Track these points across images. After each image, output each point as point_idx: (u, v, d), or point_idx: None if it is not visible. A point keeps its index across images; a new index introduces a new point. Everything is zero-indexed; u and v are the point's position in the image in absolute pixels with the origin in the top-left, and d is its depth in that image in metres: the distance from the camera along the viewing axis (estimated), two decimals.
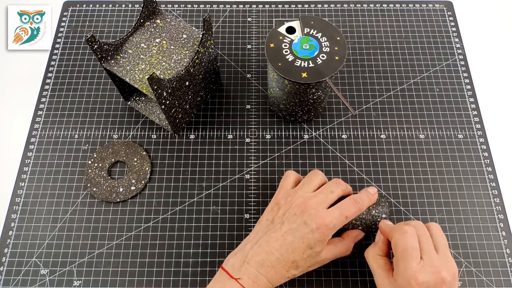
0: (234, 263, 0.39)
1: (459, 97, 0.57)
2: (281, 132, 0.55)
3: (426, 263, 0.36)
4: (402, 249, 0.37)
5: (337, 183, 0.42)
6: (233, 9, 0.64)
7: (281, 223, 0.39)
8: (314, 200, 0.40)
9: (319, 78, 0.44)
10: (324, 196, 0.40)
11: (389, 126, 0.55)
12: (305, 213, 0.39)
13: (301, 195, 0.41)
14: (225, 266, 0.39)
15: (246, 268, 0.38)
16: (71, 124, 0.55)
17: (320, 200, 0.40)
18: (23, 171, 0.52)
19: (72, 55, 0.60)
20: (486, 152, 0.53)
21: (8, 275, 0.47)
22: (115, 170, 0.53)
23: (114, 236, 0.49)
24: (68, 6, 0.64)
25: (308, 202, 0.39)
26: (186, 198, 0.51)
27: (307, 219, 0.38)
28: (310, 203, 0.39)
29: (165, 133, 0.55)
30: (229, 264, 0.39)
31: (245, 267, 0.38)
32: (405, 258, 0.37)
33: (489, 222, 0.49)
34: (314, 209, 0.39)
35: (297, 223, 0.38)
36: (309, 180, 0.43)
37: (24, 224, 0.49)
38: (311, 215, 0.38)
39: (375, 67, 0.59)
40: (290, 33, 0.47)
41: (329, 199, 0.40)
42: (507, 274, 0.47)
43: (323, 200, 0.40)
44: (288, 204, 0.40)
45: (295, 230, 0.38)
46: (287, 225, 0.39)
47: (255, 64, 0.59)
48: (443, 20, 0.63)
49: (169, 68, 0.47)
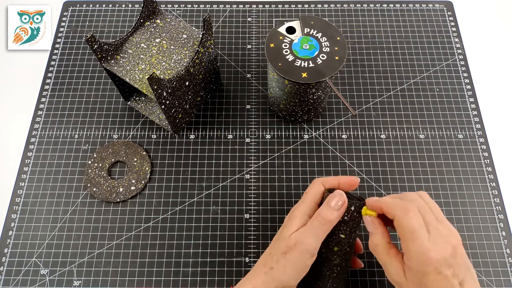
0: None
1: (459, 97, 0.57)
2: (281, 132, 0.55)
3: (435, 236, 0.34)
4: (411, 231, 0.34)
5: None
6: (233, 9, 0.64)
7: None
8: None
9: (319, 78, 0.44)
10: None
11: (389, 126, 0.55)
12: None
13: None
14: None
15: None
16: (71, 124, 0.55)
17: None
18: (23, 171, 0.52)
19: (72, 55, 0.60)
20: (486, 152, 0.53)
21: (8, 275, 0.47)
22: (115, 170, 0.53)
23: (114, 236, 0.49)
24: (68, 6, 0.64)
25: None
26: (186, 198, 0.51)
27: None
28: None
29: (165, 133, 0.55)
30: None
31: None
32: (415, 240, 0.34)
33: (489, 222, 0.49)
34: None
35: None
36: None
37: (24, 224, 0.49)
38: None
39: (375, 67, 0.59)
40: (290, 33, 0.47)
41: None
42: (507, 274, 0.46)
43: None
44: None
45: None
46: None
47: (255, 64, 0.59)
48: (443, 20, 0.63)
49: (169, 68, 0.47)
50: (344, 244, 0.38)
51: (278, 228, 0.49)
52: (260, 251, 0.48)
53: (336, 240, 0.38)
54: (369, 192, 0.51)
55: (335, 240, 0.38)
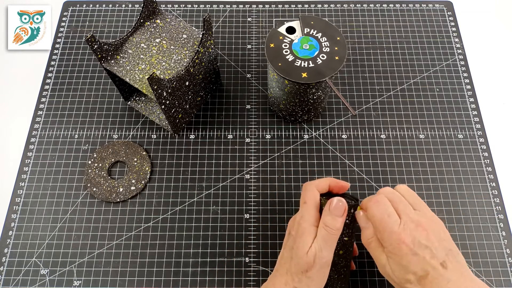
0: None
1: (459, 97, 0.57)
2: (281, 132, 0.55)
3: (406, 221, 0.36)
4: (379, 219, 0.36)
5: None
6: (233, 9, 0.64)
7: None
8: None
9: (319, 78, 0.44)
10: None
11: (389, 126, 0.55)
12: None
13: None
14: None
15: None
16: (71, 124, 0.55)
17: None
18: (23, 171, 0.52)
19: (72, 55, 0.60)
20: (486, 152, 0.53)
21: (8, 275, 0.47)
22: (115, 170, 0.53)
23: (114, 236, 0.49)
24: (68, 6, 0.64)
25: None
26: (186, 198, 0.51)
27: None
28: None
29: (165, 133, 0.55)
30: None
31: None
32: (385, 227, 0.36)
33: (489, 222, 0.49)
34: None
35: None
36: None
37: (24, 224, 0.49)
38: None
39: (375, 67, 0.59)
40: (290, 33, 0.47)
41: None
42: (507, 274, 0.46)
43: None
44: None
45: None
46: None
47: (255, 64, 0.59)
48: (443, 20, 0.63)
49: (169, 68, 0.47)
50: (348, 246, 0.39)
51: (278, 228, 0.49)
52: (260, 251, 0.48)
53: (341, 244, 0.38)
54: (369, 192, 0.51)
55: (339, 244, 0.38)
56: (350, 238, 0.39)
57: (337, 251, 0.38)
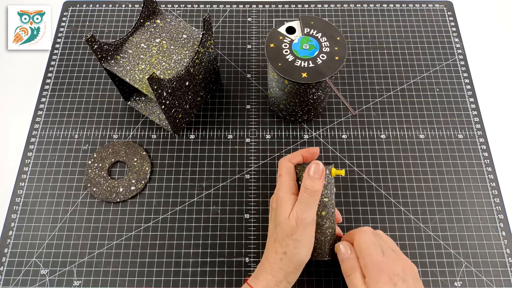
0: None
1: (459, 97, 0.57)
2: (281, 132, 0.55)
3: (388, 255, 0.38)
4: (367, 247, 0.38)
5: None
6: (233, 9, 0.64)
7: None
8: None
9: (319, 78, 0.44)
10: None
11: (389, 126, 0.55)
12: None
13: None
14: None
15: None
16: (71, 124, 0.55)
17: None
18: (23, 171, 0.52)
19: (72, 55, 0.60)
20: (486, 152, 0.53)
21: (8, 275, 0.47)
22: (115, 170, 0.53)
23: (114, 236, 0.49)
24: (68, 6, 0.64)
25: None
26: (186, 198, 0.51)
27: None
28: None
29: (165, 133, 0.55)
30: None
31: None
32: (371, 254, 0.38)
33: (489, 222, 0.49)
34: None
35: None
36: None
37: (24, 224, 0.49)
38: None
39: (375, 67, 0.59)
40: (290, 33, 0.47)
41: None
42: (507, 274, 0.47)
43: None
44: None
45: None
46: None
47: (255, 64, 0.59)
48: (443, 20, 0.63)
49: (169, 68, 0.47)
50: (329, 207, 0.41)
51: None
52: (260, 251, 0.48)
53: (322, 205, 0.41)
54: (369, 192, 0.51)
55: (320, 206, 0.41)
56: (330, 199, 0.41)
57: (319, 213, 0.41)
